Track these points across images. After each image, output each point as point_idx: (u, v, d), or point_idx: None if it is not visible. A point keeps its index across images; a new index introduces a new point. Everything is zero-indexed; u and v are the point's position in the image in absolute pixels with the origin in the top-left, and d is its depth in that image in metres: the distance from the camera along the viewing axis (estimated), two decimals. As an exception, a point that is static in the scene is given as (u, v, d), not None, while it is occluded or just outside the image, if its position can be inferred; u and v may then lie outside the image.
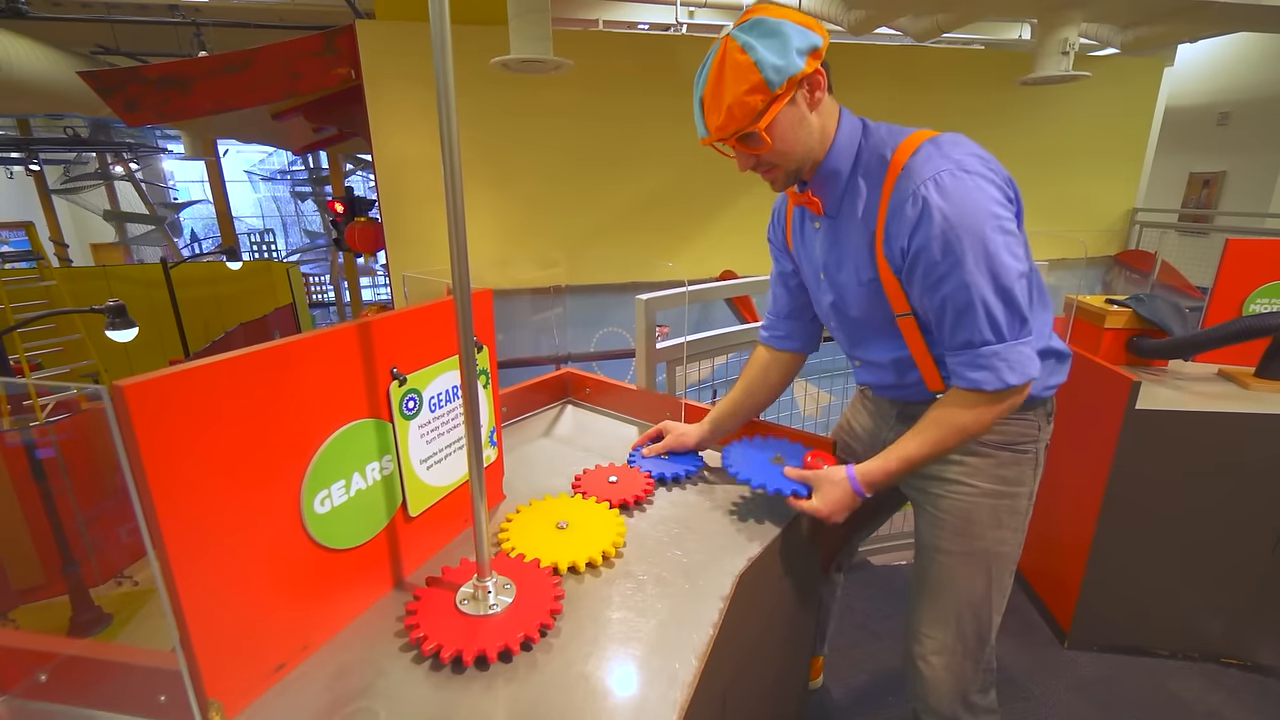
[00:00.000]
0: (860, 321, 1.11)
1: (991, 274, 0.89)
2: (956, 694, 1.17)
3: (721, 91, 0.91)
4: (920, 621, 1.19)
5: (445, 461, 0.98)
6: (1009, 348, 0.93)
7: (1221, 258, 1.98)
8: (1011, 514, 1.12)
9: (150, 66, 3.70)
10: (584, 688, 0.75)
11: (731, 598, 0.91)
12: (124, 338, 4.60)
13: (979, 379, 0.95)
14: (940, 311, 0.95)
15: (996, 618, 1.16)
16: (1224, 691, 1.80)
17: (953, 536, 1.13)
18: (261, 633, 0.73)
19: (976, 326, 0.92)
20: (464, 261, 0.75)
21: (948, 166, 0.90)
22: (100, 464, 4.82)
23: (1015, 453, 1.10)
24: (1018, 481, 1.11)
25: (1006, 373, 0.93)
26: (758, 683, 1.17)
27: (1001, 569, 1.13)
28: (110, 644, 0.75)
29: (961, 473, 1.11)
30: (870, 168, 0.99)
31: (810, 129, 0.97)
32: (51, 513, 3.93)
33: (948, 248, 0.89)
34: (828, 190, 1.03)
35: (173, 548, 0.62)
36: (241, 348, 0.66)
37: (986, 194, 0.89)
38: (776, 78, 0.89)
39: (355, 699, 0.73)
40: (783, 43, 0.88)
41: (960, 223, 0.88)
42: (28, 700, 0.71)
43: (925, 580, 1.18)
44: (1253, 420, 1.67)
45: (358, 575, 0.86)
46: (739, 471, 1.13)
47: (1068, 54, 3.91)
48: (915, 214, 0.91)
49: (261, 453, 0.70)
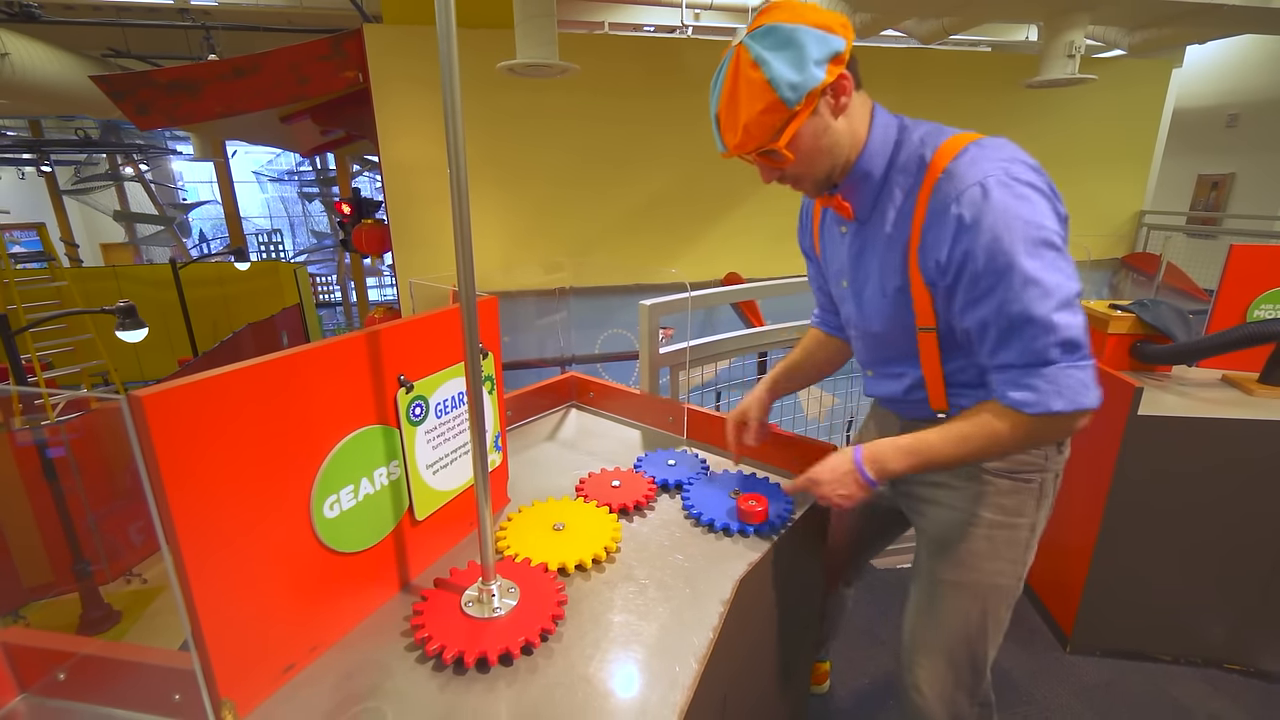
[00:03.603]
0: (880, 335, 1.05)
1: (1043, 293, 0.81)
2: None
3: (736, 109, 0.86)
4: (914, 649, 1.16)
5: (451, 466, 1.00)
6: (1059, 370, 0.84)
7: (1225, 264, 1.98)
8: (1010, 545, 1.06)
9: (160, 71, 3.74)
10: (585, 689, 0.77)
11: (732, 602, 0.93)
12: (134, 338, 4.65)
13: (1020, 400, 0.87)
14: (982, 329, 0.88)
15: (992, 651, 1.12)
16: (1226, 697, 1.80)
17: (949, 565, 1.09)
18: (272, 634, 0.75)
19: (1024, 347, 0.84)
20: (469, 271, 0.77)
21: (995, 172, 0.83)
22: (110, 463, 4.87)
23: (1017, 481, 1.04)
24: (1018, 511, 1.05)
25: (1053, 398, 0.85)
26: (758, 686, 1.18)
27: (997, 602, 1.09)
28: (126, 644, 0.77)
29: (959, 498, 1.07)
30: (907, 169, 0.92)
31: (836, 136, 0.91)
32: (62, 511, 3.98)
33: (992, 261, 0.82)
34: (859, 194, 0.97)
35: (187, 551, 0.64)
36: (249, 348, 0.68)
37: (1037, 205, 0.83)
38: (793, 95, 0.83)
39: (363, 699, 0.75)
40: (799, 54, 0.82)
41: (1008, 235, 0.81)
42: (46, 698, 0.74)
43: (919, 606, 1.15)
44: (1256, 426, 1.67)
45: (365, 578, 0.88)
46: (697, 509, 1.14)
47: (1073, 57, 3.91)
48: (958, 222, 0.84)
49: (273, 459, 0.72)
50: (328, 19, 5.85)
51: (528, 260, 4.81)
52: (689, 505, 1.15)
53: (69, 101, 5.98)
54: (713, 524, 1.10)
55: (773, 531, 1.10)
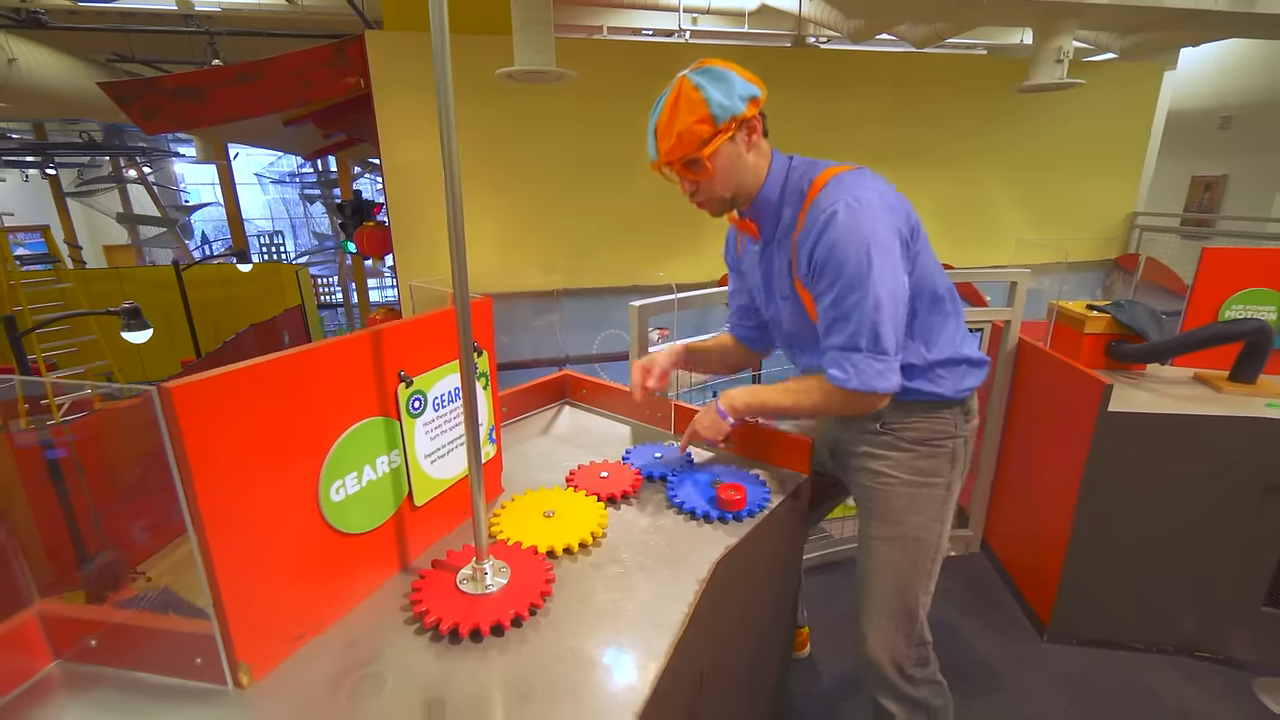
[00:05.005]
0: (791, 333, 1.29)
1: (867, 289, 1.05)
2: (893, 669, 1.29)
3: (674, 120, 1.07)
4: (858, 608, 1.33)
5: (448, 456, 1.07)
6: (864, 358, 1.09)
7: (1198, 266, 2.05)
8: (928, 502, 1.26)
9: (166, 77, 3.82)
10: (571, 658, 0.84)
11: (708, 582, 1.00)
12: (139, 339, 4.73)
13: (835, 375, 1.12)
14: (823, 314, 1.12)
15: (925, 598, 1.29)
16: (1195, 684, 1.87)
17: (878, 523, 1.29)
18: (284, 606, 0.82)
19: (846, 331, 1.09)
20: (464, 275, 0.84)
21: (845, 197, 1.06)
22: (113, 462, 4.94)
23: (932, 448, 1.26)
24: (934, 473, 1.26)
25: (854, 378, 1.10)
26: (739, 659, 1.25)
27: (921, 554, 1.27)
28: (152, 614, 0.84)
29: (885, 465, 1.28)
30: (791, 198, 1.16)
31: (746, 166, 1.14)
32: (67, 510, 4.05)
33: (833, 260, 1.06)
34: (763, 217, 1.21)
35: (210, 528, 0.71)
36: (252, 348, 0.76)
37: (877, 219, 1.06)
38: (721, 113, 1.06)
39: (365, 665, 0.82)
40: (728, 87, 1.06)
41: (849, 241, 1.04)
42: (79, 663, 0.81)
43: (859, 568, 1.33)
44: (1222, 422, 1.74)
45: (368, 558, 0.95)
46: (679, 498, 1.22)
47: (1061, 62, 3.98)
48: (817, 233, 1.08)
49: (284, 446, 0.79)
50: (329, 24, 5.93)
51: (525, 262, 4.88)
52: (672, 495, 1.22)
53: (74, 105, 6.06)
54: (694, 511, 1.17)
55: (751, 518, 1.17)
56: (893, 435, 1.27)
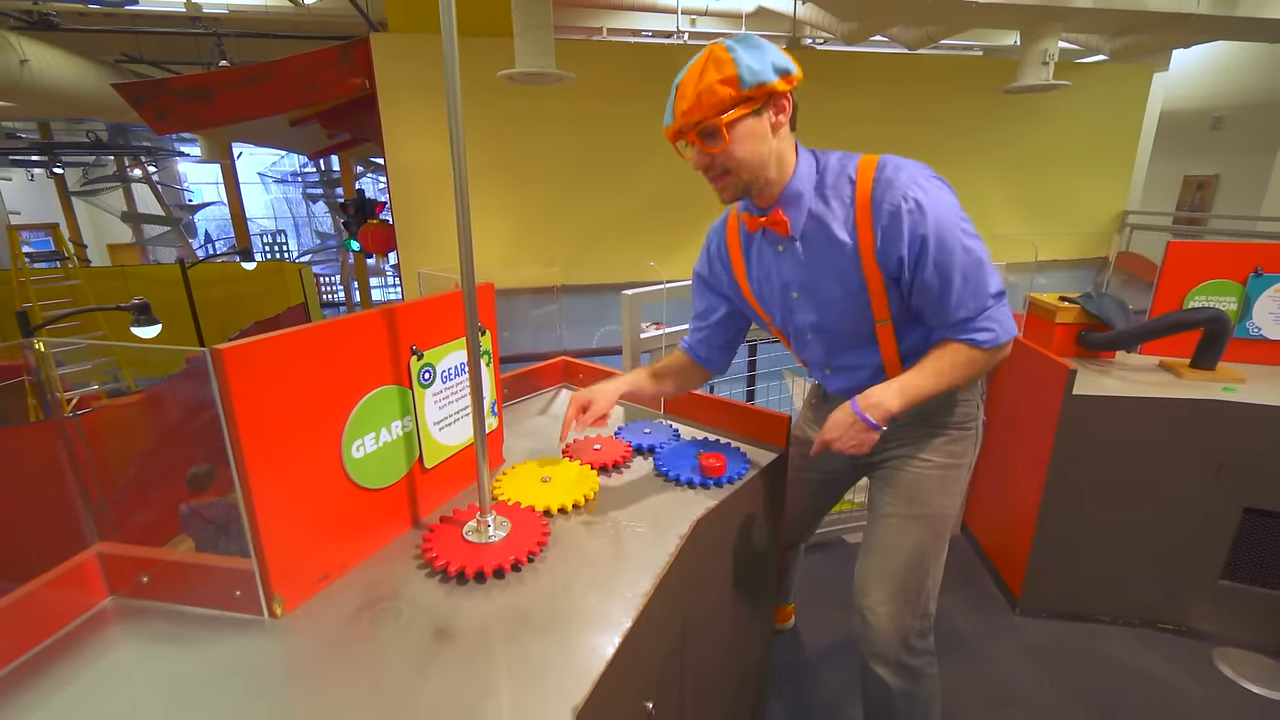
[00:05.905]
0: (844, 334, 1.23)
1: (979, 256, 1.07)
2: (898, 639, 1.30)
3: (697, 79, 1.00)
4: (869, 576, 1.32)
5: (455, 425, 1.19)
6: (999, 309, 1.10)
7: (1163, 259, 2.16)
8: (955, 482, 1.30)
9: (176, 79, 3.94)
10: (564, 597, 0.95)
11: (689, 537, 1.11)
12: (148, 334, 4.85)
13: (983, 339, 1.10)
14: (942, 294, 1.08)
15: (937, 570, 1.30)
16: (1157, 653, 1.98)
17: (905, 503, 1.29)
18: (312, 548, 0.93)
19: (977, 296, 1.08)
20: (470, 259, 0.96)
21: (918, 177, 1.06)
22: (117, 457, 5.03)
23: (962, 430, 1.29)
24: (962, 455, 1.30)
25: (1000, 331, 1.10)
26: (719, 614, 1.36)
27: (945, 529, 1.30)
28: (198, 553, 0.95)
29: (918, 449, 1.29)
30: (838, 187, 1.11)
31: (769, 147, 1.06)
32: (72, 507, 4.16)
33: (938, 240, 1.04)
34: (793, 212, 1.13)
35: (252, 476, 0.82)
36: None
37: (943, 188, 1.08)
38: (750, 78, 0.99)
39: (384, 601, 0.93)
40: (762, 54, 1.00)
41: (945, 219, 1.04)
42: (131, 598, 0.92)
43: (876, 540, 1.32)
44: (1181, 405, 1.85)
45: (384, 511, 1.06)
46: (666, 467, 1.31)
47: (1047, 64, 4.09)
48: (911, 219, 1.04)
49: (315, 405, 0.91)
50: (335, 25, 6.05)
51: (526, 259, 4.99)
52: (659, 464, 1.33)
53: (83, 105, 6.18)
54: (678, 479, 1.29)
55: (730, 485, 1.28)
56: (926, 424, 1.28)
